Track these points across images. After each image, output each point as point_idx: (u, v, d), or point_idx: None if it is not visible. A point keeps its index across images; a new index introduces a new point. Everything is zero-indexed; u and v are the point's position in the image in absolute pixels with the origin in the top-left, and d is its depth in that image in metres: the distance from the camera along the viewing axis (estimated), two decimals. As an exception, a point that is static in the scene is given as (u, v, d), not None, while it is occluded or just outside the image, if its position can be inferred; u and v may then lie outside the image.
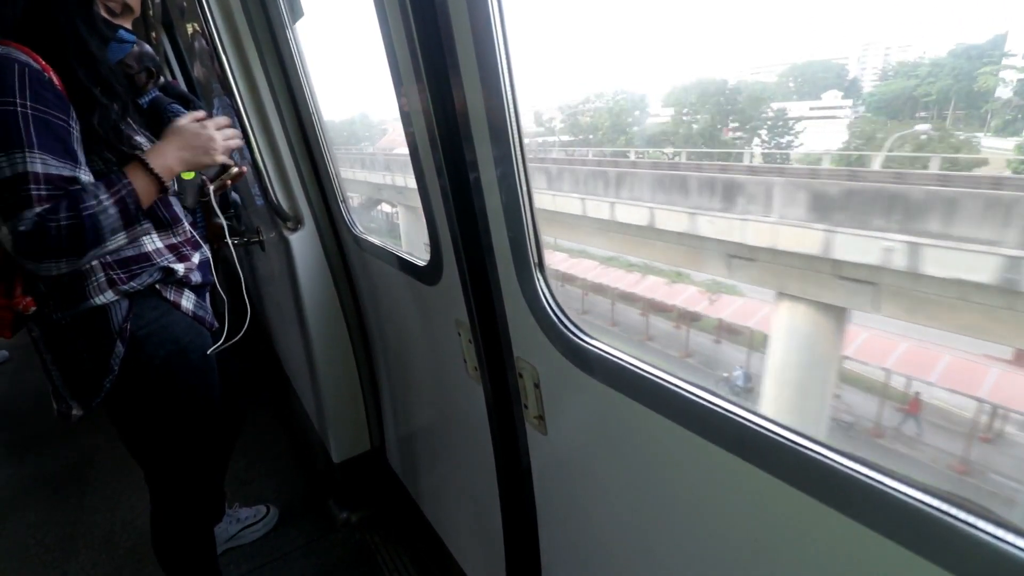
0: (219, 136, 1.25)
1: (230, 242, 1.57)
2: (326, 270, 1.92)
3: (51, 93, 1.01)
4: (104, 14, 1.15)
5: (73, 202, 1.00)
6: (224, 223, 1.51)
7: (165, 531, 1.53)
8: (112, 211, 1.05)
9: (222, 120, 1.28)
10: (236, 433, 1.70)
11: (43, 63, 1.03)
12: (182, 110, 1.33)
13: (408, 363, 1.74)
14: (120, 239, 1.11)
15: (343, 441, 2.12)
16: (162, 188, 1.17)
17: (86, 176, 1.06)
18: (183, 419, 1.35)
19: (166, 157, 1.16)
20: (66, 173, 1.01)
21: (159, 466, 1.43)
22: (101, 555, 2.11)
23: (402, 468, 2.07)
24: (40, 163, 0.97)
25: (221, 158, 1.27)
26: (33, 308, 1.14)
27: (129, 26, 1.22)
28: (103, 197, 1.04)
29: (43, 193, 0.97)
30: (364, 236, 1.69)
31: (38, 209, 0.97)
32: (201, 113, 1.27)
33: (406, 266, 1.42)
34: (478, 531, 1.52)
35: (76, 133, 1.06)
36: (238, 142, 1.34)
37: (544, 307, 0.90)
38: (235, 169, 1.49)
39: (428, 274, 1.28)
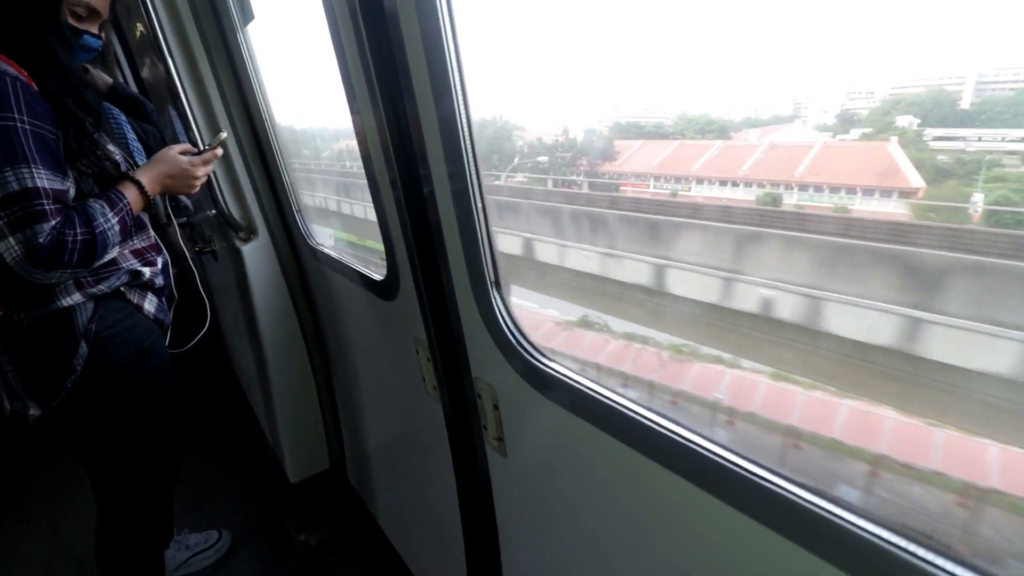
0: (202, 174, 1.33)
1: (184, 249, 1.55)
2: (282, 282, 1.85)
3: (40, 106, 1.03)
4: (71, 19, 1.14)
5: (86, 219, 1.06)
6: (177, 229, 1.51)
7: (112, 548, 1.48)
8: (116, 227, 1.13)
9: (208, 156, 1.35)
10: (185, 442, 1.63)
11: (25, 74, 1.03)
12: (112, 108, 1.35)
13: (368, 380, 1.69)
14: (115, 251, 1.20)
15: (300, 460, 2.04)
16: (147, 206, 1.24)
17: (74, 188, 1.10)
18: (142, 421, 1.35)
19: (154, 181, 1.24)
20: (62, 187, 1.05)
21: (112, 473, 1.40)
22: (37, 588, 1.97)
23: (363, 487, 2.01)
24: (45, 179, 1.01)
25: (195, 191, 1.36)
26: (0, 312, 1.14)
27: (96, 30, 1.21)
28: (109, 215, 1.11)
29: (53, 207, 1.01)
30: (321, 248, 1.63)
31: (54, 223, 1.01)
32: (188, 147, 1.34)
33: (364, 280, 1.37)
34: (440, 552, 1.47)
35: (61, 144, 1.08)
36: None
37: (501, 327, 0.88)
38: None
39: (386, 289, 1.24)
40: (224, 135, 1.42)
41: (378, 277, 1.28)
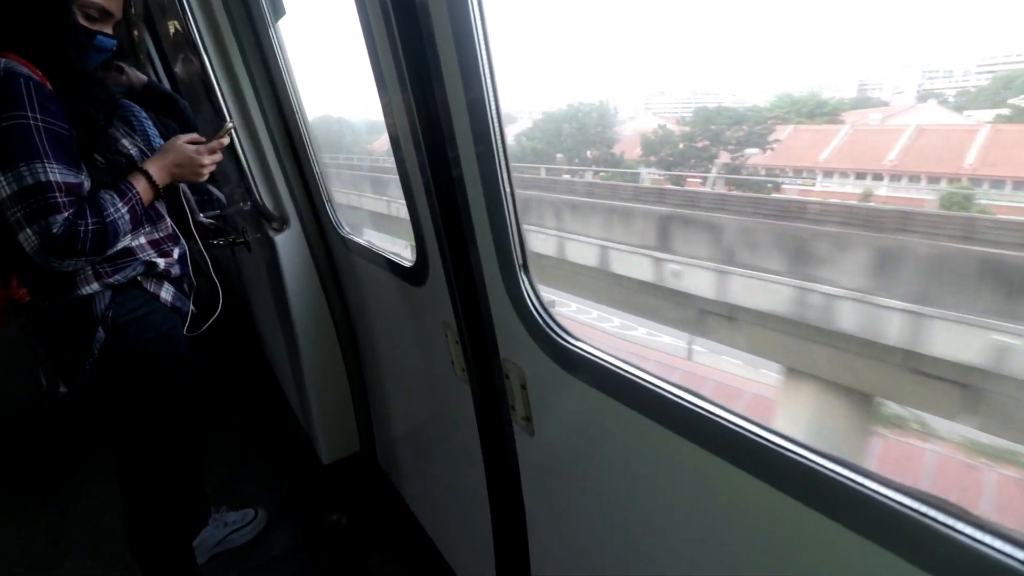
0: (209, 161, 1.37)
1: (216, 242, 1.60)
2: (313, 271, 1.91)
3: (53, 104, 1.08)
4: (82, 21, 1.17)
5: (97, 209, 1.12)
6: (205, 222, 1.56)
7: (137, 529, 1.55)
8: (127, 216, 1.18)
9: (215, 145, 1.39)
10: (202, 425, 1.71)
11: (39, 73, 1.08)
12: (132, 106, 1.38)
13: (396, 364, 1.73)
14: (128, 239, 1.25)
15: (332, 443, 2.11)
16: (158, 194, 1.30)
17: (88, 181, 1.15)
18: (158, 403, 1.41)
19: (162, 170, 1.29)
20: (75, 180, 1.10)
21: (133, 452, 1.47)
22: (87, 562, 2.08)
23: (392, 469, 2.06)
24: (59, 173, 1.07)
25: (205, 178, 1.40)
26: (28, 299, 1.22)
27: (109, 30, 1.24)
28: (119, 204, 1.17)
29: (66, 200, 1.07)
30: (351, 236, 1.68)
31: (67, 214, 1.07)
32: (195, 136, 1.38)
33: (393, 267, 1.41)
34: (468, 531, 1.51)
35: (74, 139, 1.13)
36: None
37: (529, 309, 0.90)
38: None
39: (415, 275, 1.27)
40: (230, 125, 1.47)
41: (407, 263, 1.31)
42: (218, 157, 1.41)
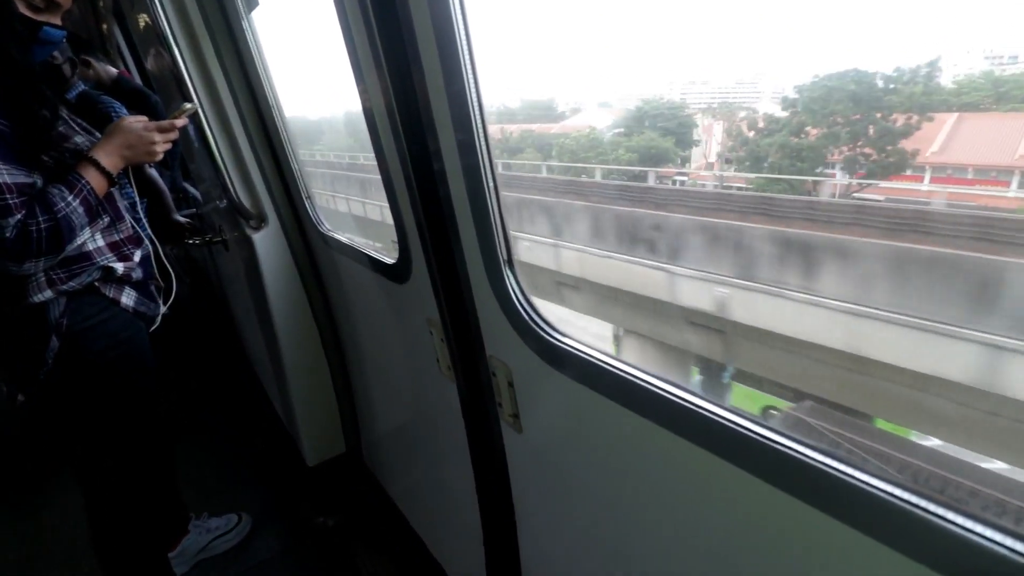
0: (160, 139, 1.29)
1: (192, 241, 1.55)
2: (293, 269, 1.87)
3: None
4: (27, 11, 1.10)
5: (46, 206, 1.07)
6: (181, 220, 1.50)
7: (103, 540, 1.50)
8: (80, 209, 1.13)
9: (165, 124, 1.30)
10: (168, 433, 1.66)
11: None
12: (113, 102, 1.31)
13: (381, 363, 1.71)
14: (86, 233, 1.19)
15: (317, 444, 2.08)
16: (112, 182, 1.22)
17: (40, 180, 1.10)
18: (119, 413, 1.37)
19: (111, 155, 1.21)
20: (27, 180, 1.06)
21: (95, 465, 1.42)
22: (62, 575, 2.02)
23: (379, 469, 2.04)
24: (6, 174, 1.02)
25: (159, 157, 1.32)
26: None
27: (58, 21, 1.17)
28: (69, 198, 1.11)
29: (17, 201, 1.03)
30: (332, 234, 1.64)
31: (18, 216, 1.03)
32: (143, 118, 1.29)
33: (376, 264, 1.38)
34: (458, 530, 1.50)
35: (19, 138, 1.08)
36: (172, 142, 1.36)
37: (515, 305, 0.88)
38: None
39: (397, 272, 1.25)
40: (188, 106, 1.39)
41: (390, 260, 1.29)
42: (173, 135, 1.31)
